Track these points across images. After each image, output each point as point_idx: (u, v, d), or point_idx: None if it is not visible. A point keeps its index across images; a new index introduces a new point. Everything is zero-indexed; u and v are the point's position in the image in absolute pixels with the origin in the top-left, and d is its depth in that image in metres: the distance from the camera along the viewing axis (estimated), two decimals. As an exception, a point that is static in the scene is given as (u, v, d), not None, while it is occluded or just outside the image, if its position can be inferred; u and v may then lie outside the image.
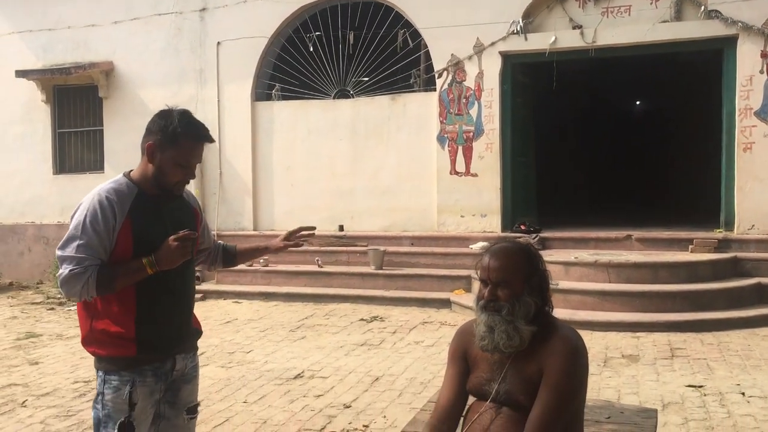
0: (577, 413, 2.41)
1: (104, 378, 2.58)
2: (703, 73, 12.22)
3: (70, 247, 2.51)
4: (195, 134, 2.62)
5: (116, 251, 2.55)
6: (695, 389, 5.34)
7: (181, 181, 2.64)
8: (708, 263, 8.40)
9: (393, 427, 4.63)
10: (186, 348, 2.77)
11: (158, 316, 2.62)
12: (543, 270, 2.46)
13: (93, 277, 2.47)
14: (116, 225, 2.54)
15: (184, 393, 2.76)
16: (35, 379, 6.04)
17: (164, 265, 2.53)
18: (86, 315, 2.62)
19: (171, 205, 2.72)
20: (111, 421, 2.55)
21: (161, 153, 2.59)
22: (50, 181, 12.40)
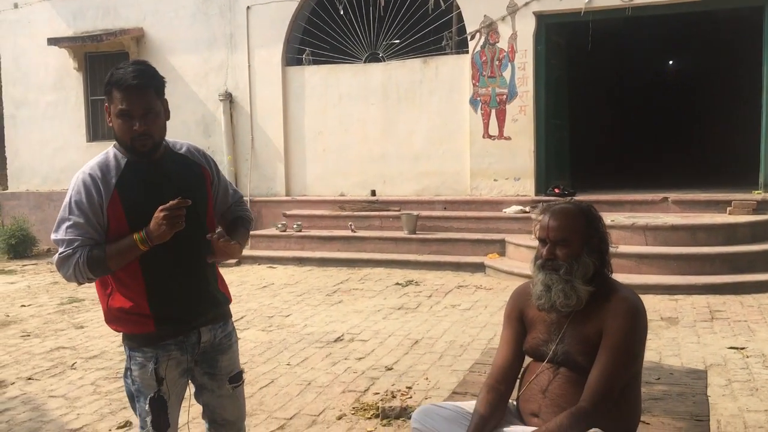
0: (636, 374, 2.42)
1: (129, 354, 2.55)
2: (743, 30, 11.89)
3: (60, 229, 2.44)
4: (124, 80, 2.40)
5: (111, 228, 2.44)
6: (737, 351, 5.31)
7: (136, 135, 2.41)
8: (747, 225, 8.29)
9: (436, 389, 4.68)
10: (210, 319, 2.63)
11: (169, 289, 2.52)
12: (603, 232, 2.45)
13: (83, 259, 2.37)
14: (104, 200, 2.42)
15: (222, 363, 2.67)
16: (82, 343, 6.19)
17: (156, 239, 2.38)
18: (102, 293, 2.56)
19: (167, 167, 2.54)
20: (142, 395, 2.53)
21: (109, 112, 2.47)
22: (84, 148, 12.52)
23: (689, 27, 13.47)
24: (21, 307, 7.79)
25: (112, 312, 2.51)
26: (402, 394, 4.59)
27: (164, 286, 2.50)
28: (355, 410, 4.36)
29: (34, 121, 12.71)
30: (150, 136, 2.44)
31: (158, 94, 2.48)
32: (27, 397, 4.82)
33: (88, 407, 4.59)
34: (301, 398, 4.62)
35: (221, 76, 11.49)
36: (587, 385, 2.28)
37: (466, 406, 2.52)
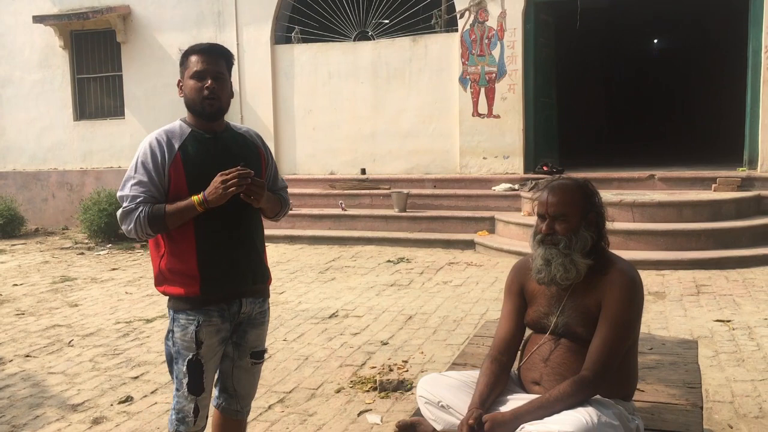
0: (633, 344, 2.51)
1: (173, 316, 2.69)
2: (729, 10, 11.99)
3: (126, 187, 2.61)
4: (200, 46, 2.67)
5: (171, 187, 2.60)
6: (723, 323, 5.45)
7: (203, 95, 2.61)
8: (731, 201, 8.43)
9: (432, 362, 4.79)
10: (253, 292, 2.78)
11: (219, 255, 2.65)
12: (600, 206, 2.53)
13: (144, 213, 2.54)
14: (167, 161, 2.59)
15: (251, 336, 2.82)
16: (77, 321, 6.24)
17: (213, 202, 2.54)
18: (156, 254, 2.71)
19: (228, 141, 2.73)
20: (181, 357, 2.66)
21: (182, 79, 2.69)
22: (71, 127, 12.47)
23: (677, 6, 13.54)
24: (13, 286, 7.80)
25: (163, 273, 2.67)
26: (398, 368, 4.69)
27: (214, 251, 2.64)
28: (353, 383, 4.45)
29: (20, 100, 12.61)
30: (218, 98, 2.63)
31: (228, 66, 2.71)
32: (26, 374, 4.86)
33: (88, 383, 4.65)
34: (299, 373, 4.71)
35: (210, 54, 11.39)
36: (588, 355, 2.37)
37: (470, 375, 2.61)
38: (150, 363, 4.99)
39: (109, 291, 7.36)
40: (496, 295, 6.52)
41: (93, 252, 9.86)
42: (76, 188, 12.28)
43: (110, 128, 12.25)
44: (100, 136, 12.31)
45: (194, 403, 2.67)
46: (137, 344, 5.46)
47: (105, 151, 12.25)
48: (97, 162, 12.32)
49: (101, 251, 9.84)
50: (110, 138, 12.21)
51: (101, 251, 9.84)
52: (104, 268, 8.68)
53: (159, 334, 5.70)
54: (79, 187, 12.23)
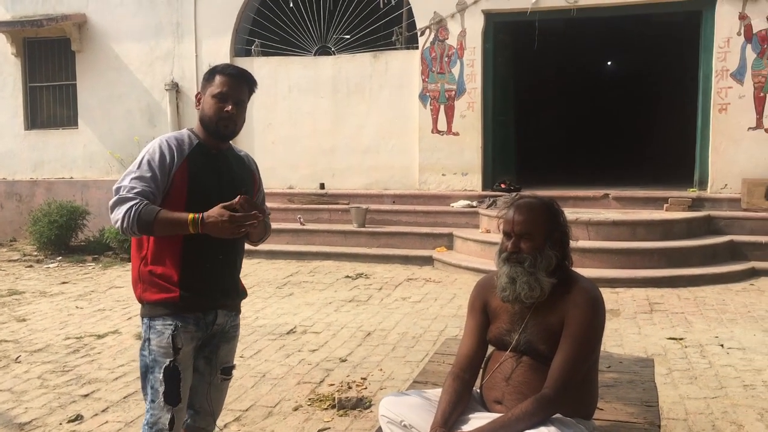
0: (594, 362, 2.54)
1: (149, 324, 2.65)
2: (681, 34, 12.35)
3: (126, 179, 2.57)
4: (228, 69, 2.72)
5: (171, 192, 2.59)
6: (676, 341, 5.56)
7: (223, 116, 2.65)
8: (683, 221, 8.64)
9: (391, 379, 4.76)
10: (229, 305, 2.80)
11: (203, 265, 2.66)
12: (564, 226, 2.56)
13: (137, 207, 2.48)
14: (174, 166, 2.60)
15: (222, 351, 2.81)
16: (25, 336, 6.04)
17: (210, 231, 2.51)
18: (137, 255, 2.68)
19: (230, 161, 2.78)
20: (157, 365, 2.61)
21: (203, 93, 2.72)
22: (21, 136, 12.16)
23: (632, 30, 13.90)
24: (-43, 299, 7.53)
25: (143, 275, 2.65)
26: (357, 385, 4.65)
27: (198, 260, 2.64)
28: (311, 401, 4.40)
29: (-31, 107, 12.25)
30: (234, 122, 2.69)
31: (249, 94, 2.78)
32: (-30, 392, 4.69)
33: (36, 401, 4.50)
34: (256, 390, 4.63)
35: (167, 65, 11.29)
36: (550, 373, 2.38)
37: (432, 394, 2.59)
38: (101, 380, 4.85)
39: (59, 305, 7.16)
40: (455, 312, 6.54)
41: (42, 265, 9.59)
42: (26, 199, 11.95)
43: (63, 138, 11.97)
44: (51, 146, 12.02)
45: (171, 414, 2.61)
46: (88, 361, 5.31)
47: (57, 162, 11.97)
48: (48, 172, 12.02)
49: (51, 264, 9.57)
50: (62, 148, 11.93)
51: (51, 264, 9.57)
52: (54, 281, 8.44)
53: (111, 350, 5.56)
54: (29, 198, 11.90)
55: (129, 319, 6.53)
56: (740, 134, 9.19)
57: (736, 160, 9.23)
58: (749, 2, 9.02)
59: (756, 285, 7.52)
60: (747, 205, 8.89)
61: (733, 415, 4.10)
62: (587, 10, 9.74)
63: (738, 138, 9.20)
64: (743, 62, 9.11)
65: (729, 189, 9.26)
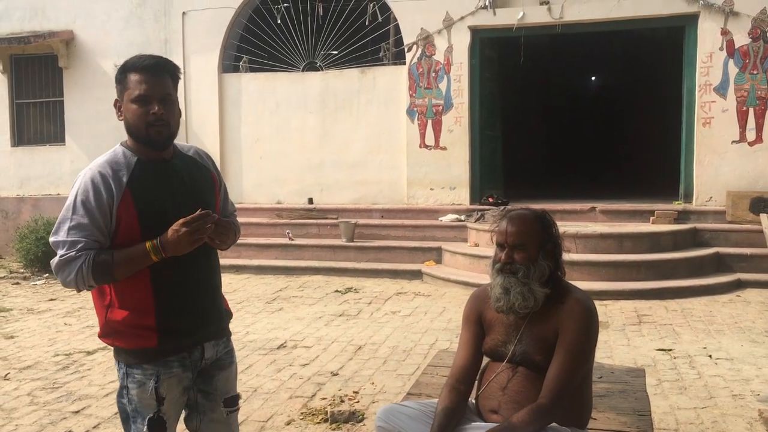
0: (588, 372, 2.57)
1: (126, 372, 2.34)
2: (665, 49, 12.53)
3: (62, 230, 2.23)
4: (141, 62, 2.31)
5: (120, 230, 2.25)
6: (665, 352, 5.60)
7: (150, 122, 2.27)
8: (669, 234, 8.72)
9: (382, 393, 4.77)
10: (214, 333, 2.47)
11: (178, 300, 2.34)
12: (557, 237, 2.60)
13: (87, 264, 2.18)
14: (114, 201, 2.24)
15: (219, 382, 2.49)
16: (14, 353, 5.99)
17: (171, 252, 2.22)
18: (101, 304, 2.35)
19: (180, 169, 2.39)
20: (140, 416, 2.33)
21: (121, 101, 2.33)
22: (8, 153, 12.11)
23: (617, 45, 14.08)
24: (-57, 317, 7.46)
25: (111, 324, 2.33)
26: (349, 399, 4.66)
27: (174, 296, 2.33)
28: (304, 415, 4.39)
29: (-46, 124, 12.19)
30: (167, 124, 2.30)
31: (174, 84, 2.37)
32: (-41, 410, 4.64)
33: (26, 418, 4.46)
34: (248, 405, 4.62)
35: (155, 81, 11.27)
36: (546, 383, 2.40)
37: (428, 404, 2.61)
38: (91, 396, 4.82)
39: (47, 322, 7.11)
40: (445, 325, 6.56)
41: (29, 282, 9.51)
42: (12, 215, 11.88)
43: (50, 154, 11.93)
44: (38, 163, 11.97)
45: None
46: (78, 377, 5.27)
47: (44, 178, 11.92)
48: (34, 189, 11.96)
49: (38, 281, 9.50)
50: (49, 164, 11.89)
51: (38, 281, 9.50)
52: (41, 298, 8.38)
53: (100, 366, 5.52)
54: (15, 215, 11.83)
55: (118, 335, 6.49)
56: (724, 147, 9.31)
57: (720, 173, 9.34)
58: (731, 18, 9.18)
59: (742, 296, 7.60)
60: (732, 217, 8.99)
61: (723, 424, 4.14)
62: (572, 26, 9.87)
63: (722, 151, 9.33)
64: (726, 77, 9.25)
65: (714, 201, 9.37)
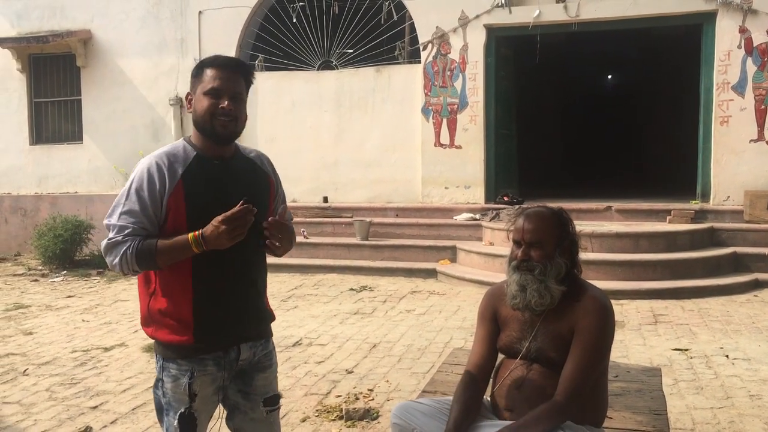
0: (604, 370, 2.56)
1: (163, 365, 2.41)
2: (682, 48, 12.43)
3: (114, 215, 2.32)
4: (218, 60, 2.38)
5: (168, 220, 2.31)
6: (681, 352, 5.57)
7: (218, 114, 2.32)
8: (686, 233, 8.66)
9: (397, 390, 4.77)
10: (252, 335, 2.49)
11: (217, 297, 2.37)
12: (573, 234, 2.59)
13: (132, 250, 2.26)
14: (166, 190, 2.29)
15: (258, 382, 2.52)
16: (32, 349, 6.06)
17: (212, 245, 2.25)
18: (145, 291, 2.42)
19: (236, 169, 2.44)
20: (172, 410, 2.39)
21: (193, 94, 2.39)
22: (26, 151, 12.24)
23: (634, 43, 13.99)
24: (-37, 313, 7.56)
25: (152, 314, 2.39)
26: (364, 397, 4.67)
27: (212, 293, 2.37)
28: (319, 412, 4.41)
29: (-26, 123, 12.33)
30: (234, 120, 2.35)
31: (246, 86, 2.43)
32: (-21, 405, 4.70)
33: (45, 413, 4.51)
34: (264, 402, 4.64)
35: (171, 80, 11.37)
36: (561, 380, 2.40)
37: (443, 402, 2.61)
38: (109, 392, 4.87)
39: (65, 319, 7.18)
40: (459, 324, 6.56)
41: (47, 279, 9.61)
42: (30, 213, 12.00)
43: (67, 153, 12.04)
44: (56, 161, 12.09)
45: None
46: (95, 373, 5.32)
47: (61, 176, 12.03)
48: (52, 187, 12.08)
49: (56, 278, 9.60)
50: (67, 163, 12.00)
51: (56, 278, 9.60)
52: (59, 295, 8.47)
53: (118, 362, 5.58)
54: (34, 213, 11.95)
55: (135, 332, 6.55)
56: (742, 146, 9.24)
57: (738, 172, 9.27)
58: (749, 16, 9.10)
59: (760, 296, 7.54)
60: (749, 217, 8.92)
61: (740, 424, 4.11)
62: (588, 24, 9.83)
63: (740, 150, 9.25)
64: (744, 75, 9.18)
65: (731, 201, 9.30)
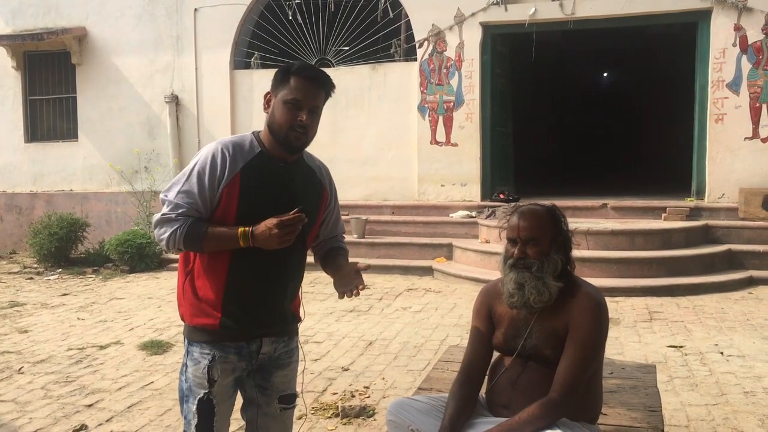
0: (599, 367, 2.56)
1: (188, 348, 2.46)
2: (677, 46, 12.46)
3: (172, 191, 2.35)
4: (306, 71, 2.38)
5: (219, 208, 2.35)
6: (676, 349, 5.59)
7: (294, 125, 2.35)
8: (681, 231, 8.68)
9: (393, 388, 4.78)
10: (276, 332, 2.51)
11: (246, 290, 2.41)
12: (567, 231, 2.60)
13: (182, 230, 2.30)
14: (224, 179, 2.33)
15: (276, 379, 2.55)
16: (28, 347, 6.05)
17: (260, 244, 2.31)
18: (183, 270, 2.47)
19: (295, 174, 2.46)
20: (192, 395, 2.42)
21: (274, 96, 2.40)
22: (21, 149, 12.21)
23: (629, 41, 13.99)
24: (-41, 311, 7.54)
25: (186, 291, 2.44)
26: (360, 394, 4.67)
27: (243, 285, 2.41)
28: (315, 410, 4.41)
29: (-31, 121, 12.30)
30: (306, 133, 2.39)
31: (325, 100, 2.46)
32: (-26, 403, 4.69)
33: (40, 411, 4.51)
34: (260, 399, 4.64)
35: (167, 78, 11.35)
36: (556, 377, 2.41)
37: (439, 399, 2.62)
38: (105, 390, 4.86)
39: (60, 317, 7.17)
40: (456, 321, 6.56)
41: (42, 277, 9.60)
42: (26, 211, 11.98)
43: (62, 151, 12.02)
44: (51, 159, 12.07)
45: None
46: (91, 371, 5.32)
47: (56, 174, 12.01)
48: (48, 185, 12.05)
49: (51, 276, 9.59)
50: (62, 160, 11.98)
51: (51, 276, 9.59)
52: (54, 293, 8.46)
53: (113, 360, 5.57)
54: (29, 211, 11.93)
55: (131, 330, 6.55)
56: (737, 144, 9.26)
57: (733, 169, 9.30)
58: (744, 13, 9.12)
59: (754, 293, 7.56)
60: (744, 214, 8.94)
61: (734, 421, 4.13)
62: (584, 21, 9.84)
63: (735, 148, 9.28)
64: (739, 73, 9.20)
65: (726, 198, 9.32)
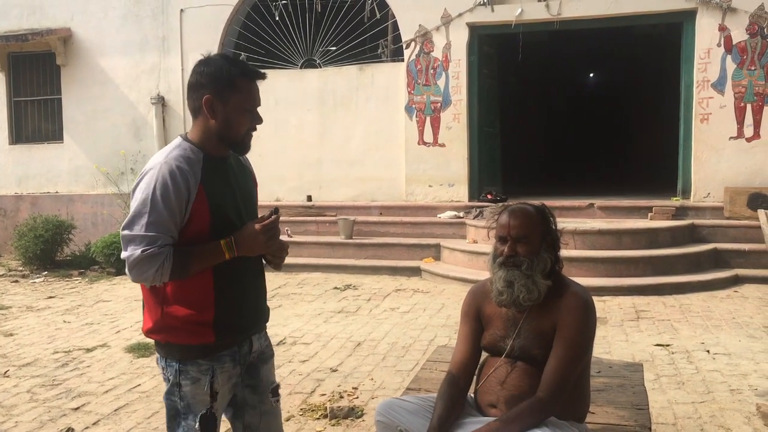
0: (586, 366, 2.57)
1: (178, 369, 2.31)
2: (662, 46, 12.54)
3: (138, 225, 2.17)
4: (251, 72, 2.31)
5: (191, 226, 2.24)
6: (663, 348, 5.62)
7: (250, 129, 2.33)
8: (667, 230, 8.73)
9: (382, 388, 4.78)
10: (260, 327, 2.52)
11: (236, 297, 2.36)
12: (555, 230, 2.60)
13: (169, 260, 2.17)
14: (190, 196, 2.21)
15: (264, 374, 2.53)
16: (13, 350, 6.00)
17: (244, 251, 2.28)
18: (155, 301, 2.30)
19: (234, 167, 2.43)
20: (191, 413, 2.32)
21: (223, 103, 2.26)
22: (6, 151, 12.11)
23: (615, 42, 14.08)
24: (-58, 315, 7.46)
25: (167, 320, 2.29)
26: (349, 395, 4.67)
27: (232, 293, 2.35)
28: (303, 411, 4.40)
29: (-48, 122, 12.18)
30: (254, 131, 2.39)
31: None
32: (-41, 407, 4.65)
33: (26, 415, 4.47)
34: (248, 401, 4.62)
35: (153, 79, 11.30)
36: (544, 377, 2.41)
37: (427, 399, 2.62)
38: (91, 393, 4.83)
39: (46, 320, 7.12)
40: (444, 322, 6.57)
41: (28, 279, 9.52)
42: (11, 214, 11.88)
43: (48, 152, 11.93)
44: (36, 161, 11.97)
45: None
46: (77, 374, 5.28)
47: (42, 176, 11.92)
48: (33, 187, 11.96)
49: (37, 279, 9.51)
50: (47, 162, 11.89)
51: (37, 279, 9.51)
52: (40, 296, 8.39)
53: (100, 363, 5.53)
54: (14, 213, 11.83)
55: (117, 332, 6.50)
56: (722, 144, 9.33)
57: (718, 169, 9.36)
58: (729, 14, 9.19)
59: (740, 292, 7.62)
60: (729, 213, 9.01)
61: (721, 419, 4.15)
62: (570, 22, 9.87)
63: (720, 147, 9.34)
64: (724, 73, 9.27)
65: (712, 198, 9.38)
